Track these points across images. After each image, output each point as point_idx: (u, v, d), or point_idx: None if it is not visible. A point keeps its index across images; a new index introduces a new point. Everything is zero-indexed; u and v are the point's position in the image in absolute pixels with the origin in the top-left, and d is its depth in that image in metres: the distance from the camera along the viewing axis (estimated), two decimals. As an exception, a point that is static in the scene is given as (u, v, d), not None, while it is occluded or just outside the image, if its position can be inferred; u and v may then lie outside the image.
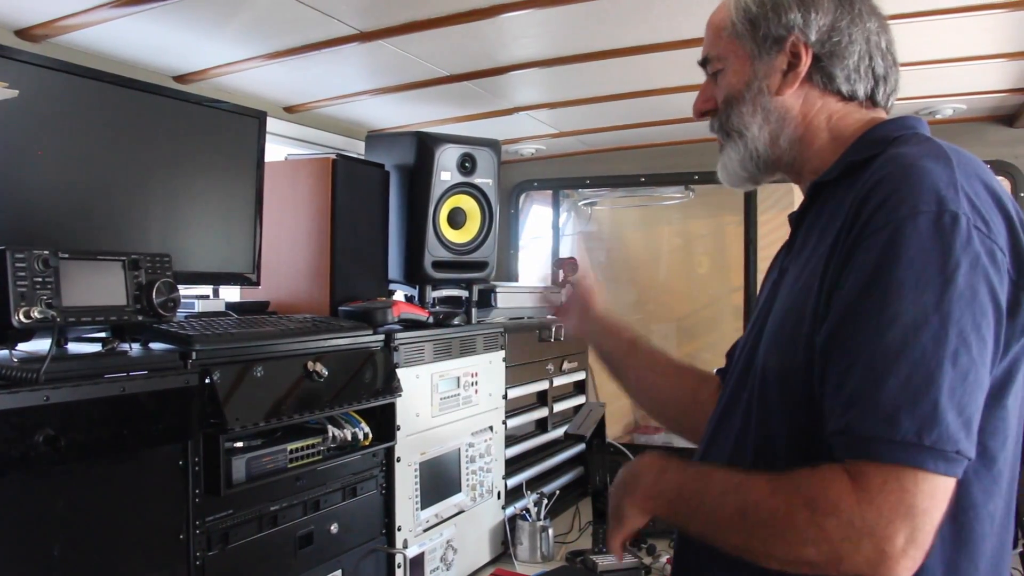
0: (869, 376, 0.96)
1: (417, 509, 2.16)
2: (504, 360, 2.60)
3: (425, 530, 2.19)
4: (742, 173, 1.29)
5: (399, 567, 2.05)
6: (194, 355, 1.50)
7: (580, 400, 3.26)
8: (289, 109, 2.70)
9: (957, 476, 0.94)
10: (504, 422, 2.60)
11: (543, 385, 2.94)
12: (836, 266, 1.05)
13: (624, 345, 1.66)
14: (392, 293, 2.50)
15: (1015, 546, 2.40)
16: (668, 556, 2.50)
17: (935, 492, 0.93)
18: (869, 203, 1.02)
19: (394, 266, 2.42)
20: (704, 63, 1.32)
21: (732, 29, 1.26)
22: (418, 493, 2.16)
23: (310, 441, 1.76)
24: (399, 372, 2.03)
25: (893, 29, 1.25)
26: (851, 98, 1.23)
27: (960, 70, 2.43)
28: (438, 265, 2.42)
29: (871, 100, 1.24)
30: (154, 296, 1.46)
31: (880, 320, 0.96)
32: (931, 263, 0.97)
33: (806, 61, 1.21)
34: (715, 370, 1.61)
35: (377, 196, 2.35)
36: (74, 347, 1.46)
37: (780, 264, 1.30)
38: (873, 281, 0.98)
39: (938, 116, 2.94)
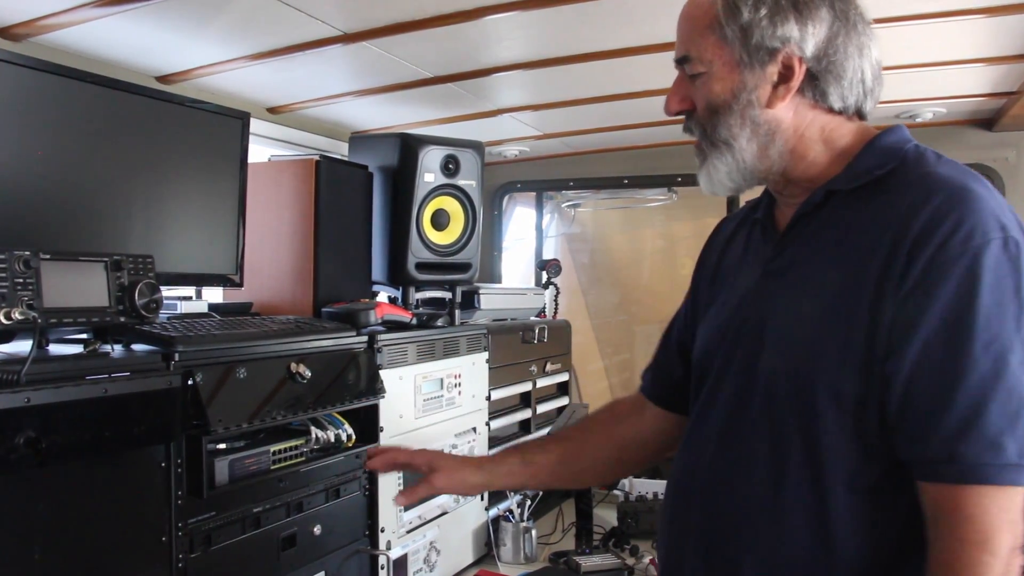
0: (970, 405, 1.01)
1: (400, 510, 2.15)
2: (487, 361, 2.61)
3: (408, 531, 2.19)
4: (728, 184, 1.25)
5: (382, 568, 2.05)
6: (177, 356, 1.49)
7: (563, 401, 3.26)
8: (272, 110, 2.70)
9: None
10: (488, 423, 2.61)
11: (526, 386, 2.94)
12: (895, 292, 1.06)
13: (516, 468, 1.63)
14: (375, 294, 2.50)
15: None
16: (651, 557, 2.51)
17: None
18: (935, 231, 1.04)
19: (377, 267, 2.42)
20: (682, 62, 1.24)
21: (719, 32, 1.18)
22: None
23: (293, 443, 1.76)
24: (382, 373, 2.03)
25: (876, 33, 1.24)
26: (841, 112, 1.21)
27: (940, 74, 2.46)
28: (421, 267, 2.42)
29: (858, 112, 1.23)
30: (136, 297, 1.45)
31: (972, 349, 1.01)
32: (1008, 289, 1.02)
33: (799, 75, 1.17)
34: (640, 389, 1.61)
35: (360, 197, 2.35)
36: (55, 348, 1.45)
37: (757, 263, 1.29)
38: (959, 311, 1.02)
39: (918, 120, 2.97)
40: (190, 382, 1.50)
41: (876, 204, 1.13)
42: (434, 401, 2.31)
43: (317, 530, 1.85)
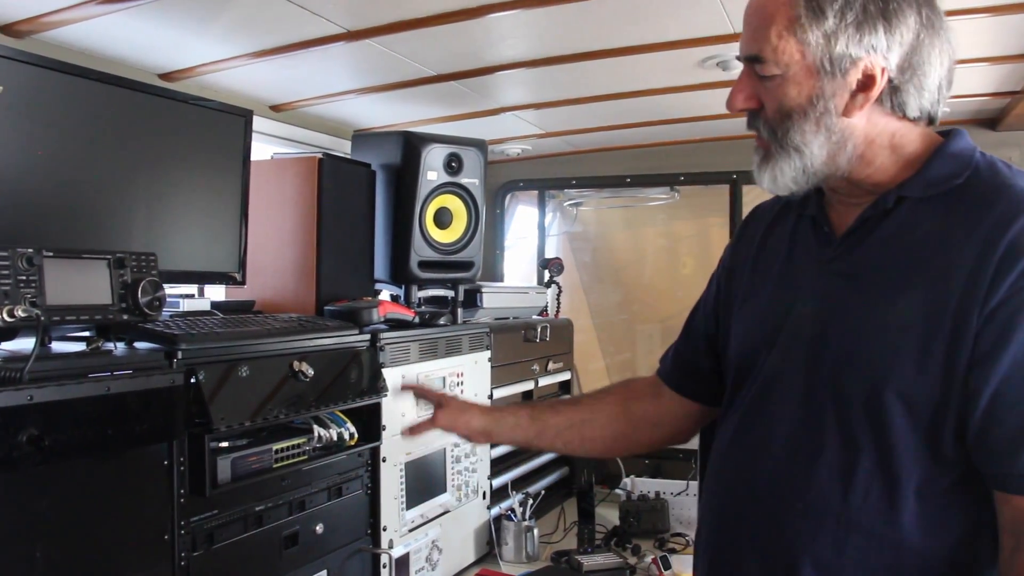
0: None
1: (402, 509, 2.15)
2: (489, 360, 2.60)
3: (410, 530, 2.19)
4: (792, 186, 1.21)
5: (384, 567, 2.05)
6: (179, 354, 1.49)
7: (565, 400, 3.26)
8: (275, 108, 2.69)
9: None
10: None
11: (528, 385, 2.94)
12: (982, 306, 1.06)
13: (525, 422, 1.61)
14: (378, 293, 2.50)
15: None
16: (653, 556, 2.50)
17: None
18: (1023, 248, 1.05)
19: (380, 266, 2.42)
20: (752, 60, 1.17)
21: (800, 35, 1.12)
22: (403, 493, 2.16)
23: (296, 441, 1.76)
24: (385, 372, 2.03)
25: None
26: (916, 120, 1.18)
27: (944, 73, 2.45)
28: (424, 265, 2.42)
29: (929, 117, 1.20)
30: (139, 295, 1.45)
31: None
32: None
33: (880, 86, 1.13)
34: (659, 373, 1.59)
35: (363, 195, 2.35)
36: (58, 346, 1.45)
37: (811, 261, 1.27)
38: None
39: (921, 119, 2.96)
40: (193, 380, 1.50)
41: (956, 215, 1.13)
42: (436, 400, 2.30)
43: (319, 529, 1.85)
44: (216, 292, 2.25)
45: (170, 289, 1.75)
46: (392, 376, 2.05)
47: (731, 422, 1.34)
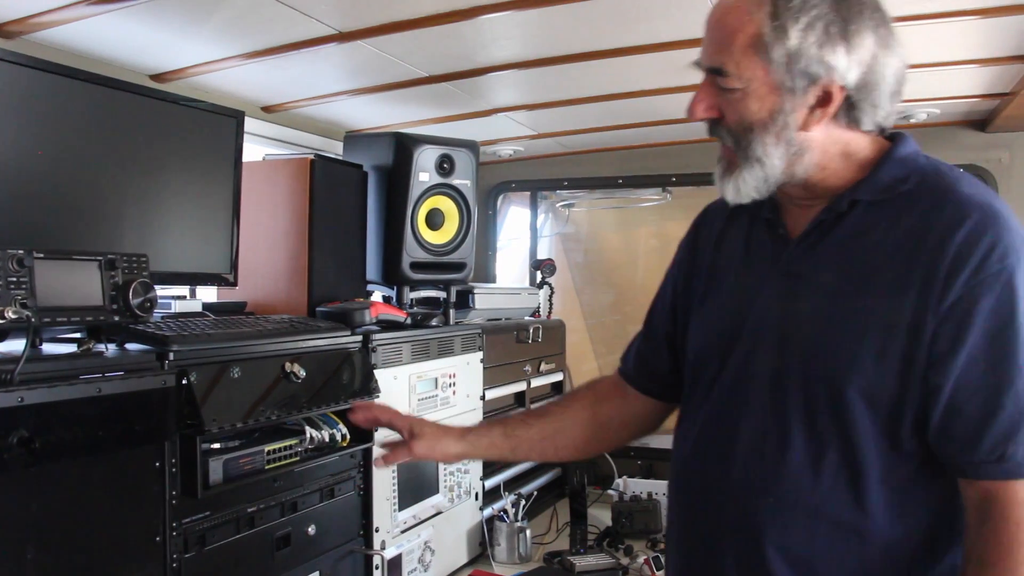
0: (1017, 410, 1.11)
1: (395, 510, 2.15)
2: (482, 361, 2.60)
3: (403, 531, 2.19)
4: (754, 194, 1.26)
5: (377, 568, 2.05)
6: (171, 356, 1.49)
7: (558, 401, 3.25)
8: (267, 109, 2.69)
9: None
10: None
11: (521, 386, 2.94)
12: (936, 307, 1.13)
13: (498, 440, 1.64)
14: (370, 294, 2.50)
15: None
16: (645, 557, 2.51)
17: None
18: (973, 251, 1.12)
19: (372, 267, 2.42)
20: (714, 72, 1.22)
21: (764, 53, 1.16)
22: (396, 494, 2.16)
23: (288, 442, 1.76)
24: (377, 373, 2.03)
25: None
26: (868, 132, 1.24)
27: (934, 75, 2.46)
28: (416, 266, 2.42)
29: (880, 128, 1.26)
30: (131, 296, 1.45)
31: (1016, 360, 1.11)
32: None
33: (837, 102, 1.18)
34: (621, 373, 1.64)
35: (355, 197, 2.35)
36: (49, 348, 1.44)
37: (766, 263, 1.31)
38: (1001, 326, 1.11)
39: (912, 120, 2.98)
40: (184, 381, 1.49)
41: (907, 221, 1.19)
42: (429, 401, 2.31)
43: (311, 530, 1.85)
44: (208, 294, 2.25)
45: (162, 290, 1.74)
46: (384, 377, 2.05)
47: (695, 419, 1.38)
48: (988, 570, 1.12)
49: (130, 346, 1.51)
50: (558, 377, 3.26)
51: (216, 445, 1.63)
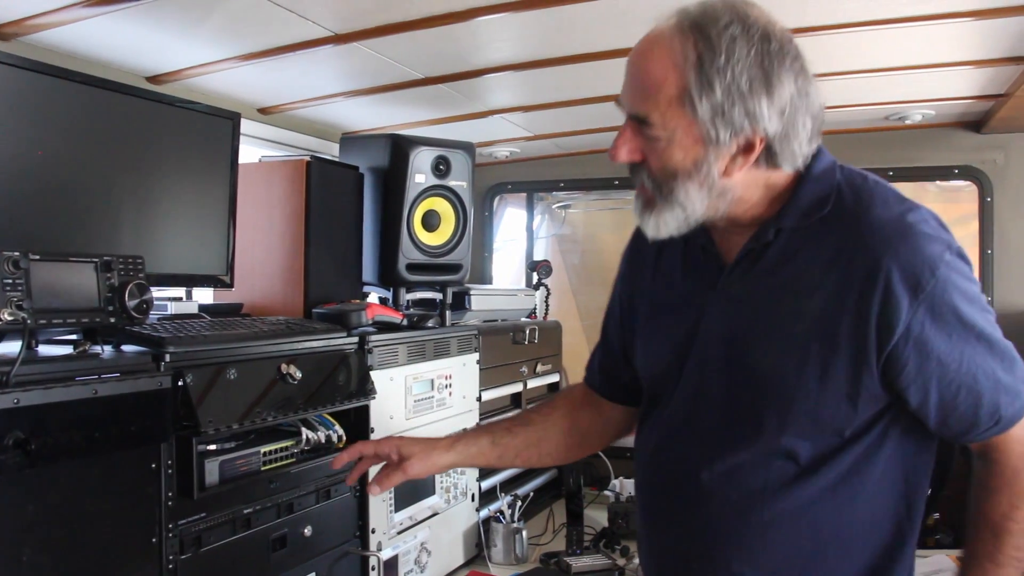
0: (993, 388, 1.21)
1: (391, 511, 2.15)
2: (478, 362, 2.61)
3: (399, 532, 2.19)
4: (674, 232, 1.29)
5: (373, 570, 2.05)
6: (167, 357, 1.49)
7: (554, 402, 3.25)
8: (263, 111, 2.69)
9: None
10: (478, 424, 2.60)
11: (517, 387, 2.94)
12: (886, 337, 1.18)
13: (486, 448, 1.66)
14: (366, 295, 2.50)
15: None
16: (641, 557, 2.51)
17: None
18: (903, 277, 1.17)
19: (368, 268, 2.42)
20: (638, 120, 1.23)
21: (690, 107, 1.17)
22: (392, 495, 2.15)
23: (284, 443, 1.76)
24: (373, 374, 2.03)
25: (865, 36, 1.26)
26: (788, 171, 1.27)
27: (929, 76, 2.47)
28: (412, 267, 2.42)
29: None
30: (127, 298, 1.45)
31: (977, 350, 1.20)
32: (969, 289, 1.20)
33: (758, 150, 1.20)
34: (590, 385, 1.70)
35: (351, 198, 2.35)
36: (45, 349, 1.44)
37: (705, 288, 1.35)
38: (953, 326, 1.19)
39: (907, 121, 2.99)
40: (180, 383, 1.49)
41: (831, 242, 1.23)
42: (425, 402, 2.31)
43: (308, 531, 1.85)
44: (204, 295, 2.25)
45: (158, 292, 1.75)
46: (380, 378, 2.05)
47: (653, 434, 1.44)
48: (993, 495, 1.24)
49: (126, 348, 1.51)
50: (554, 378, 3.26)
51: (212, 446, 1.63)
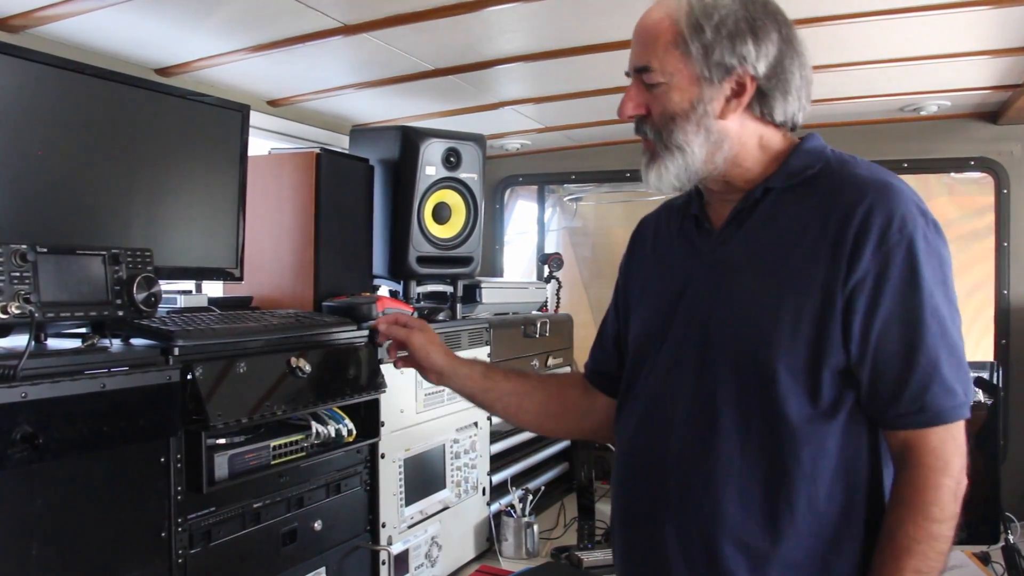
0: (929, 363, 1.22)
1: (402, 506, 2.15)
2: (489, 356, 2.59)
3: (410, 527, 2.18)
4: (675, 183, 1.37)
5: (383, 564, 2.04)
6: (176, 351, 1.48)
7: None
8: (273, 103, 2.68)
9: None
10: (489, 418, 2.59)
11: (528, 381, 2.92)
12: (845, 280, 1.23)
13: (477, 376, 1.74)
14: (376, 288, 2.49)
15: (996, 540, 2.42)
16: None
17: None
18: (873, 224, 1.23)
19: (378, 261, 2.41)
20: (640, 71, 1.35)
21: (683, 47, 1.30)
22: (403, 490, 2.15)
23: (293, 438, 1.75)
24: (383, 368, 2.02)
25: (880, 26, 1.29)
26: (781, 125, 1.36)
27: (944, 67, 2.44)
28: (423, 260, 2.41)
29: (792, 124, 1.37)
30: (135, 291, 1.44)
31: (924, 318, 1.22)
32: (936, 262, 1.24)
33: (750, 92, 1.30)
34: (589, 380, 1.72)
35: (361, 191, 2.34)
36: (53, 343, 1.43)
37: (695, 255, 1.42)
38: (908, 290, 1.22)
39: (923, 112, 2.95)
40: (189, 377, 1.49)
41: (812, 201, 1.30)
42: (435, 396, 2.30)
43: (318, 526, 1.84)
44: (213, 288, 2.24)
45: (167, 285, 1.74)
46: (391, 372, 2.04)
47: (635, 406, 1.47)
48: (904, 508, 1.24)
49: (135, 341, 1.51)
50: (565, 371, 3.25)
51: (221, 441, 1.63)
